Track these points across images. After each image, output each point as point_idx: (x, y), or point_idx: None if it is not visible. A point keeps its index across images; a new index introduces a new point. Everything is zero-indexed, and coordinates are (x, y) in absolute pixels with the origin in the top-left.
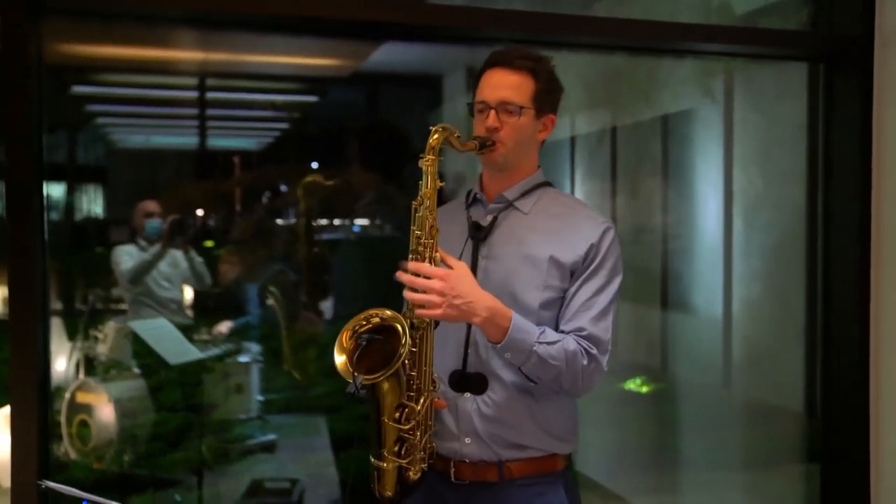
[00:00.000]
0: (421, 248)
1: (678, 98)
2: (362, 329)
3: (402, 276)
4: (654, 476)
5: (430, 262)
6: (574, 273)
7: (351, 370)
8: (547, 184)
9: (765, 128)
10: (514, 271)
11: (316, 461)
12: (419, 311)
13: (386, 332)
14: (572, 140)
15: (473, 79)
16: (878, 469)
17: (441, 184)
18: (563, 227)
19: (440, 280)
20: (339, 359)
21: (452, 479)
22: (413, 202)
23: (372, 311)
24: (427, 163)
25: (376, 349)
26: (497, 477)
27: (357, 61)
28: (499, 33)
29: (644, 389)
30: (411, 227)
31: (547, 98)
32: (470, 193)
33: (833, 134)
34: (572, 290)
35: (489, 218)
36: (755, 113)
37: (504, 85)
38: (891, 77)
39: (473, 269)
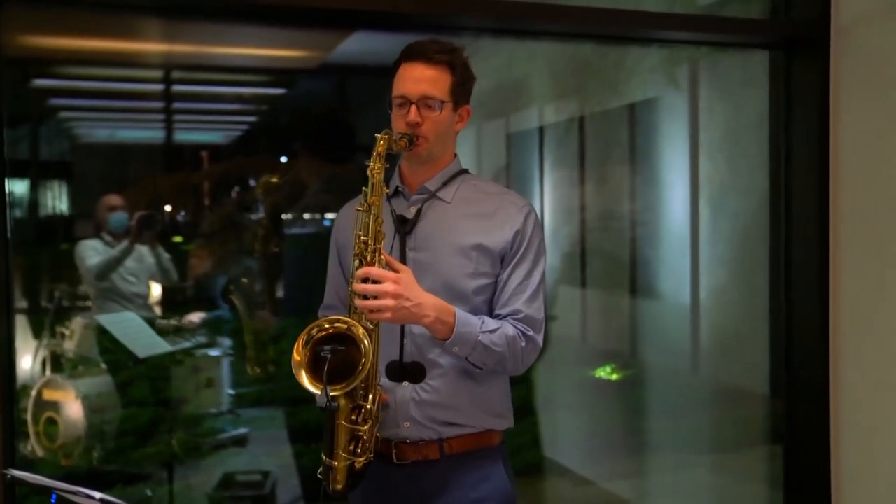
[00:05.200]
0: (368, 254)
1: (644, 87)
2: (318, 336)
3: (356, 287)
4: (624, 460)
5: (378, 266)
6: (503, 258)
7: (319, 384)
8: (465, 171)
9: (729, 115)
10: (446, 261)
11: (288, 453)
12: (372, 315)
13: (341, 338)
14: (541, 130)
15: (390, 72)
16: (838, 449)
17: (387, 190)
18: (487, 213)
19: (392, 283)
20: (302, 375)
21: (395, 461)
22: (358, 207)
23: (326, 320)
24: (374, 171)
25: (334, 356)
26: (438, 454)
27: (325, 53)
28: (467, 22)
29: (614, 377)
30: (356, 232)
31: (462, 90)
32: (390, 186)
33: (793, 120)
34: (504, 275)
35: (413, 209)
36: (720, 101)
37: (423, 79)
38: (847, 63)
39: (402, 262)
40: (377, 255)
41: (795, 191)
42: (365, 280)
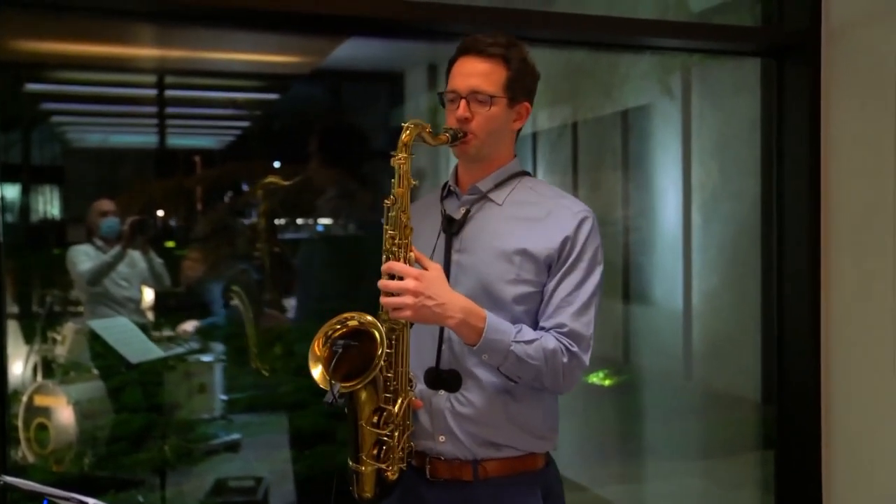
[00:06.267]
0: (395, 249)
1: (637, 93)
2: (336, 334)
3: (379, 283)
4: (617, 466)
5: (405, 263)
6: (550, 267)
7: (328, 379)
8: (524, 173)
9: (722, 122)
10: (487, 265)
11: (281, 458)
12: (393, 314)
13: (361, 335)
14: (534, 135)
15: (446, 67)
16: (830, 454)
17: (415, 182)
18: (537, 218)
19: (414, 280)
20: (316, 370)
21: (428, 477)
22: (385, 201)
23: (347, 315)
24: (400, 161)
25: (352, 353)
26: (472, 476)
27: (318, 58)
28: (460, 28)
29: (607, 382)
30: (384, 227)
31: (520, 86)
32: (445, 186)
33: (785, 126)
34: (551, 285)
35: (462, 210)
36: (712, 107)
37: (474, 73)
38: (837, 70)
39: (447, 263)
40: (403, 250)
41: (787, 196)
42: (391, 277)
